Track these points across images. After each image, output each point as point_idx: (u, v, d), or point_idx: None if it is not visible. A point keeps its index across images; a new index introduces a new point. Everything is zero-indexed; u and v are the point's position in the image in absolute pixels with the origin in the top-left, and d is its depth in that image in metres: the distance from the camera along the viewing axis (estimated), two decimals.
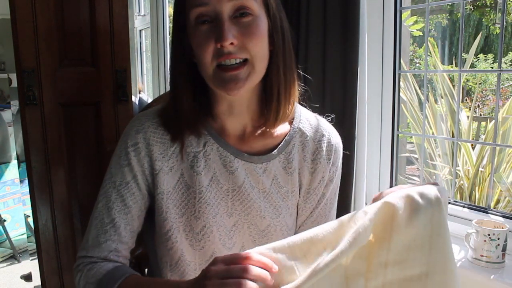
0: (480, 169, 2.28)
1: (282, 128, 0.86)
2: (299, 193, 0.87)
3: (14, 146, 2.94)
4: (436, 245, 0.63)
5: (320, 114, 1.43)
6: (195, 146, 0.82)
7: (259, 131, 0.85)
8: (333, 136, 0.90)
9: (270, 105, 0.81)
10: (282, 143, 0.85)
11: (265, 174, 0.84)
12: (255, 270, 0.60)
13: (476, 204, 2.20)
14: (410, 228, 0.64)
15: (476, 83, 5.74)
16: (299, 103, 0.91)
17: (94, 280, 0.77)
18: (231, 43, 0.72)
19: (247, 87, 0.76)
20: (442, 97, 2.48)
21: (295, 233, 0.90)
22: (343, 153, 0.95)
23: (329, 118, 0.94)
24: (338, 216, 0.97)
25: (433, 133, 2.49)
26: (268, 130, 0.84)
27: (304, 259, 0.64)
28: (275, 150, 0.84)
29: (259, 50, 0.75)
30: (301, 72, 0.88)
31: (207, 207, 0.81)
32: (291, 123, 0.88)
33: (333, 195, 0.92)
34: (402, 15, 1.63)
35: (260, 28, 0.75)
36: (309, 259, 0.64)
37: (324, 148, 0.87)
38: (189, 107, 0.80)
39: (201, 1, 0.72)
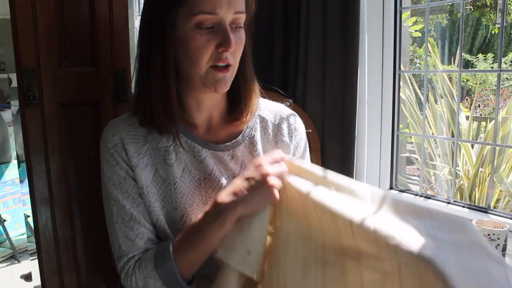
0: (480, 169, 2.28)
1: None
2: None
3: (14, 146, 2.94)
4: None
5: (319, 113, 1.44)
6: (165, 141, 0.88)
7: (224, 121, 0.93)
8: (291, 118, 0.99)
9: (239, 104, 0.91)
10: (245, 129, 0.93)
11: (233, 161, 0.91)
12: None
13: (476, 204, 2.21)
14: None
15: (476, 83, 5.74)
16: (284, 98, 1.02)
17: (150, 268, 0.82)
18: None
19: (229, 86, 0.85)
20: (442, 97, 2.49)
21: None
22: (342, 152, 0.98)
23: (287, 103, 1.02)
24: None
25: (433, 133, 2.49)
26: (236, 119, 0.92)
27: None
28: (239, 136, 0.92)
29: (239, 56, 0.85)
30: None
31: (182, 197, 0.87)
32: None
33: None
34: (402, 15, 1.63)
35: (244, 38, 0.85)
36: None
37: (285, 129, 0.96)
38: (170, 101, 0.84)
39: (212, 10, 0.77)
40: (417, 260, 0.64)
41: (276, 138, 0.95)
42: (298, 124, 0.99)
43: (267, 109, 0.98)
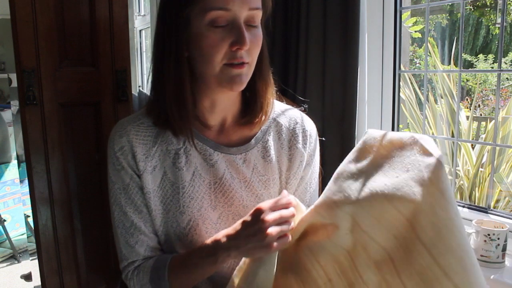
0: (480, 169, 2.28)
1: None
2: (280, 181, 0.92)
3: (14, 146, 2.94)
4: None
5: (319, 113, 1.44)
6: (175, 144, 0.86)
7: (237, 124, 0.90)
8: (306, 123, 0.95)
9: (255, 105, 0.88)
10: (258, 133, 0.90)
11: (245, 164, 0.88)
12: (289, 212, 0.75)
13: (476, 204, 2.20)
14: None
15: (476, 83, 5.74)
16: (290, 99, 0.96)
17: (146, 280, 0.84)
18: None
19: (245, 85, 0.82)
20: (442, 97, 2.48)
21: None
22: (342, 152, 0.96)
23: (302, 107, 0.98)
24: None
25: (433, 133, 2.49)
26: (249, 122, 0.89)
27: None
28: (252, 140, 0.89)
29: (257, 55, 0.82)
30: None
31: (190, 201, 0.85)
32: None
33: (312, 180, 0.96)
34: (402, 15, 1.63)
35: (261, 36, 0.82)
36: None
37: (300, 135, 0.93)
38: (184, 101, 0.83)
39: (225, 6, 0.75)
40: (368, 202, 0.65)
41: (290, 143, 0.92)
42: (313, 131, 0.96)
43: (282, 113, 0.95)
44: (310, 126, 0.95)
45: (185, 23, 0.78)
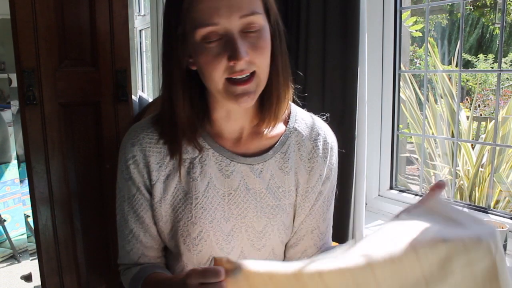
0: (480, 169, 2.28)
1: (277, 128, 0.87)
2: (296, 192, 0.88)
3: (14, 146, 2.94)
4: None
5: (319, 113, 1.43)
6: (190, 153, 0.83)
7: (255, 133, 0.86)
8: (328, 134, 0.91)
9: (269, 107, 0.82)
10: (277, 143, 0.86)
11: (261, 175, 0.84)
12: None
13: (476, 204, 2.20)
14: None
15: (476, 83, 5.74)
16: (295, 102, 0.92)
17: (127, 284, 0.87)
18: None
19: (257, 97, 0.78)
20: (442, 97, 2.48)
21: (292, 232, 0.90)
22: (342, 152, 0.95)
23: (324, 117, 0.95)
24: (335, 215, 0.97)
25: (433, 133, 2.49)
26: (263, 130, 0.85)
27: None
28: (271, 150, 0.85)
29: (265, 61, 0.76)
30: (300, 73, 0.89)
31: (203, 212, 0.82)
32: (286, 123, 0.89)
33: (330, 193, 0.93)
34: (402, 15, 1.63)
35: (266, 40, 0.76)
36: None
37: (320, 147, 0.88)
38: (187, 117, 0.80)
39: (211, 21, 0.71)
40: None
41: (310, 155, 0.87)
42: (334, 143, 0.91)
43: (303, 121, 0.90)
44: (332, 139, 0.91)
45: (182, 39, 0.75)
